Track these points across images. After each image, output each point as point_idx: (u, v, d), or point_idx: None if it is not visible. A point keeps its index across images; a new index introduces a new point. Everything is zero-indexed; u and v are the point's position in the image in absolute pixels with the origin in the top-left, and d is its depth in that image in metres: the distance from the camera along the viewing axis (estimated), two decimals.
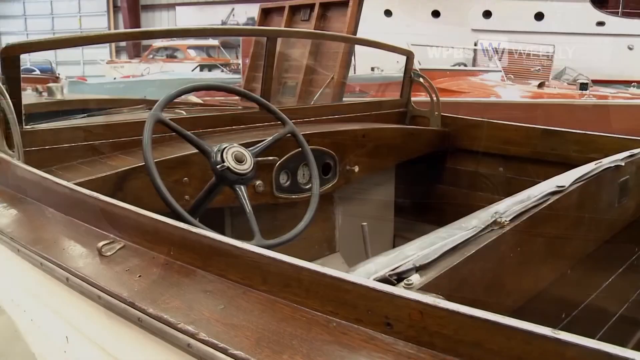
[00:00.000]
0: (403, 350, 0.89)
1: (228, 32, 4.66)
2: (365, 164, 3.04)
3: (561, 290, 1.79)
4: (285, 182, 2.68)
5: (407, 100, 3.68)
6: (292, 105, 3.99)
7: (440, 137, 3.55)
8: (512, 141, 3.34)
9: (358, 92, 8.39)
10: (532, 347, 0.81)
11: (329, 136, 2.85)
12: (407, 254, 1.14)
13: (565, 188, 1.68)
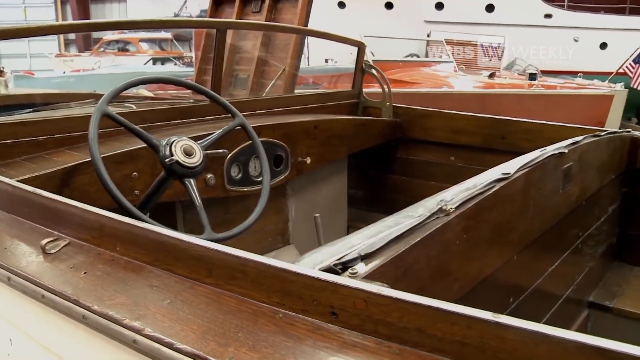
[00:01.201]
0: (348, 339, 0.90)
1: (177, 24, 4.59)
2: (317, 156, 3.04)
3: (508, 275, 1.82)
4: (237, 175, 2.66)
5: (359, 91, 3.70)
6: (243, 97, 3.96)
7: (392, 127, 3.58)
8: (462, 130, 3.40)
9: (312, 84, 8.39)
10: (474, 332, 0.82)
11: (280, 128, 2.84)
12: (353, 243, 1.14)
13: (511, 175, 1.71)
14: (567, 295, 2.47)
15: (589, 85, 9.66)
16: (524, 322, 0.80)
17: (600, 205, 2.80)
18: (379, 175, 3.72)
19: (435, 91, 8.46)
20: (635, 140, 3.00)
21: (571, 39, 15.78)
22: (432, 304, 0.85)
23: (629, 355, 0.75)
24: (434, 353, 0.85)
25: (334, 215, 3.52)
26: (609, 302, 2.75)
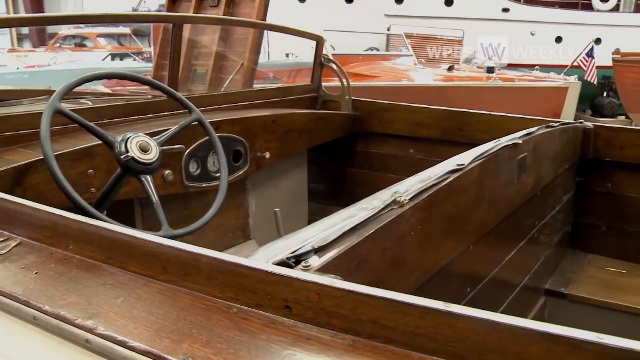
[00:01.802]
0: (302, 332, 0.90)
1: (132, 18, 4.49)
2: (276, 150, 3.04)
3: (464, 265, 1.85)
4: (195, 171, 2.64)
5: (318, 85, 3.70)
6: (202, 92, 3.93)
7: (352, 120, 3.60)
8: (421, 123, 3.43)
9: (272, 78, 8.36)
10: (426, 322, 0.83)
11: (238, 123, 2.83)
12: (307, 237, 1.14)
13: (465, 166, 1.73)
14: (524, 284, 2.52)
15: (546, 77, 9.86)
16: (474, 311, 0.82)
17: (555, 194, 2.86)
18: (339, 168, 3.73)
19: (394, 84, 8.52)
20: (588, 131, 3.08)
21: (528, 32, 16.07)
22: (385, 295, 0.86)
23: (574, 339, 0.77)
24: (388, 344, 0.86)
25: (294, 209, 3.52)
26: (565, 288, 2.82)
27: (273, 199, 3.29)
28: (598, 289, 2.84)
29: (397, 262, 1.37)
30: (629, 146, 3.00)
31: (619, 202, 3.11)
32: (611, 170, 3.11)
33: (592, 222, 3.22)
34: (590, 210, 3.22)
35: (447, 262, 1.67)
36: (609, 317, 2.73)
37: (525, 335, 0.78)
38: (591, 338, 0.76)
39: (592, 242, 3.23)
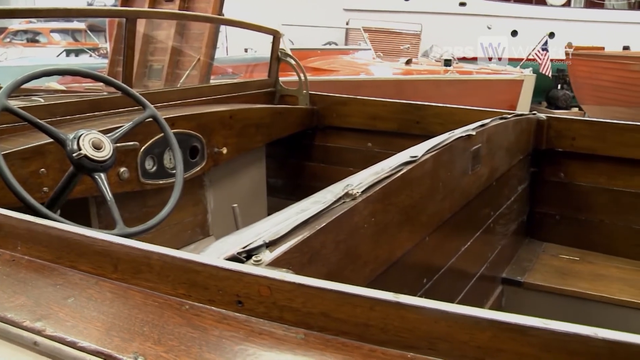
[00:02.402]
0: (255, 327, 0.90)
1: (83, 13, 4.32)
2: (233, 145, 3.02)
3: (420, 256, 1.86)
4: (152, 168, 2.60)
5: (275, 79, 3.69)
6: (158, 88, 3.88)
7: (309, 115, 3.60)
8: (379, 116, 3.46)
9: (231, 73, 8.31)
10: (377, 313, 0.84)
11: (194, 119, 2.80)
12: (259, 231, 1.14)
13: (418, 158, 1.74)
14: (481, 273, 2.56)
15: (502, 71, 10.03)
16: (422, 301, 0.83)
17: (510, 185, 2.92)
18: (298, 163, 3.73)
19: (353, 78, 8.54)
20: (541, 123, 3.14)
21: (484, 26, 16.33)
22: (335, 287, 0.86)
23: (520, 325, 0.78)
24: (339, 336, 0.86)
25: (253, 204, 3.51)
26: (521, 277, 2.88)
27: (232, 194, 3.28)
28: (553, 276, 2.91)
29: (351, 254, 1.37)
30: (579, 137, 3.08)
31: (572, 192, 3.19)
32: (564, 160, 3.18)
33: (546, 211, 3.30)
34: (544, 199, 3.29)
35: (403, 254, 1.68)
36: (564, 303, 2.80)
37: (472, 323, 0.80)
38: (536, 324, 0.78)
39: (547, 230, 3.31)
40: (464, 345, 0.80)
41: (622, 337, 0.75)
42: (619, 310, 2.71)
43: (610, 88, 11.81)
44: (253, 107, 3.26)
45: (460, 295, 2.30)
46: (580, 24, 16.30)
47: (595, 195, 3.15)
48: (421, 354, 0.82)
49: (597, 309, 2.74)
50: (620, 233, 3.13)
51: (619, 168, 3.05)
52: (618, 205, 3.10)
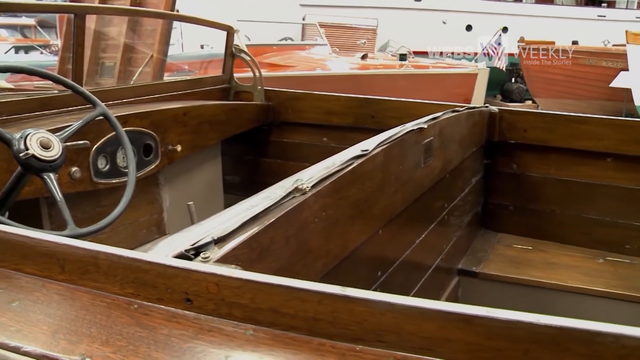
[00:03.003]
0: (204, 324, 0.89)
1: (27, 7, 4.12)
2: (188, 143, 2.99)
3: (374, 250, 1.87)
4: (104, 167, 2.56)
5: (230, 76, 3.67)
6: (110, 86, 3.81)
7: (264, 111, 3.59)
8: (334, 111, 3.47)
9: (187, 70, 8.22)
10: (325, 307, 0.84)
11: (147, 116, 2.76)
12: (208, 228, 1.13)
13: (369, 151, 1.75)
14: (437, 265, 2.59)
15: (457, 65, 10.16)
16: (370, 294, 0.83)
17: (464, 177, 2.96)
18: (254, 159, 3.72)
19: (309, 74, 8.53)
20: (493, 115, 3.20)
21: (440, 21, 16.54)
22: (283, 282, 0.86)
23: (465, 314, 0.80)
24: (289, 331, 0.86)
25: (209, 202, 3.49)
26: (476, 267, 2.93)
27: (187, 192, 3.25)
28: (507, 266, 2.97)
29: (302, 249, 1.37)
30: (531, 128, 3.15)
31: (524, 182, 3.26)
32: (516, 152, 3.25)
33: (500, 202, 3.36)
34: (498, 191, 3.35)
35: (356, 247, 1.68)
36: (518, 291, 2.86)
37: (418, 314, 0.81)
38: (481, 313, 0.79)
39: (501, 221, 3.37)
40: (412, 336, 0.81)
41: (563, 323, 0.77)
42: (570, 297, 2.79)
43: (561, 81, 12.13)
44: (207, 104, 3.23)
45: (416, 287, 2.32)
46: (532, 19, 16.67)
47: (546, 186, 3.22)
48: (370, 346, 0.82)
49: (550, 296, 2.81)
50: (571, 222, 3.21)
51: (568, 159, 3.13)
52: (568, 195, 3.18)
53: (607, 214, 3.12)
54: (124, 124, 2.31)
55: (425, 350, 0.81)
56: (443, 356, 0.80)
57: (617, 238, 3.11)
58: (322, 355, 0.82)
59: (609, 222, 3.12)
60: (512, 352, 0.78)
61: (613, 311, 2.71)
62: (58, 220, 2.51)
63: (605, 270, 2.94)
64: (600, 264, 3.02)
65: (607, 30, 15.90)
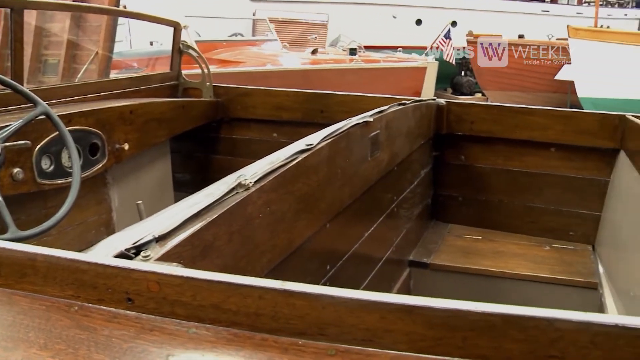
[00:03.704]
0: (146, 323, 0.88)
1: None
2: (135, 141, 2.94)
3: (322, 244, 1.87)
4: (49, 167, 2.49)
5: (178, 72, 3.62)
6: (53, 84, 3.70)
7: (214, 107, 3.56)
8: (283, 107, 3.46)
9: (136, 67, 8.08)
10: (266, 302, 0.84)
11: (93, 115, 2.70)
12: (150, 226, 1.11)
13: (314, 146, 1.75)
14: (388, 257, 2.62)
15: (408, 59, 10.26)
16: (310, 287, 0.83)
17: (413, 169, 3.00)
18: (204, 156, 3.69)
19: (259, 69, 8.49)
20: (441, 108, 3.24)
21: (390, 15, 16.66)
22: (223, 279, 0.86)
23: (404, 305, 0.81)
24: (231, 327, 0.86)
25: (159, 200, 3.43)
26: (427, 258, 2.98)
27: (137, 191, 3.19)
28: (458, 256, 3.03)
29: (247, 245, 1.36)
30: (478, 120, 3.21)
31: (473, 173, 3.32)
32: (464, 143, 3.30)
33: (449, 193, 3.42)
34: (447, 182, 3.41)
35: (303, 242, 1.68)
36: (469, 281, 2.92)
37: (359, 306, 0.81)
38: (420, 303, 0.80)
39: (451, 212, 3.43)
40: (353, 328, 0.81)
41: (499, 309, 0.78)
42: (518, 284, 2.86)
43: (509, 74, 12.39)
44: (155, 101, 3.18)
45: (367, 280, 2.34)
46: (480, 13, 16.96)
47: (494, 176, 3.29)
48: (312, 340, 0.83)
49: (499, 284, 2.88)
50: (518, 211, 3.29)
51: (515, 149, 3.21)
52: (515, 185, 3.25)
53: (552, 203, 3.21)
54: (68, 123, 2.25)
55: (367, 342, 0.81)
56: (384, 347, 0.81)
57: (562, 225, 3.20)
58: (264, 350, 0.82)
59: (554, 211, 3.21)
60: (452, 340, 0.79)
61: (558, 296, 2.79)
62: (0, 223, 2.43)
63: (551, 257, 3.03)
64: (547, 251, 3.10)
65: (551, 24, 16.32)
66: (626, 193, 2.75)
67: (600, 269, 2.90)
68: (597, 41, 9.87)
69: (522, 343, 0.78)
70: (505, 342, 0.78)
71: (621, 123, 2.92)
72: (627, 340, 0.76)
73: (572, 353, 0.77)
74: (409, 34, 15.93)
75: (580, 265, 2.93)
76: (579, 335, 0.77)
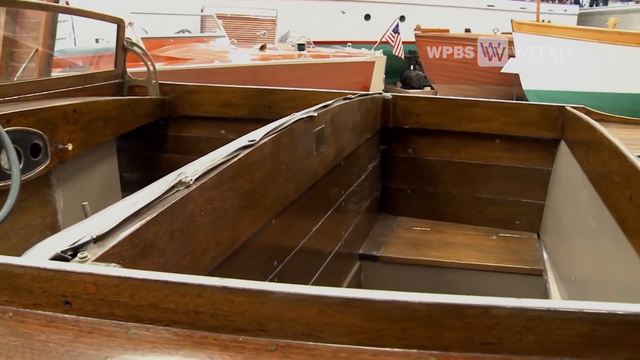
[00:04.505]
0: (84, 326, 0.86)
1: None
2: (80, 141, 2.87)
3: (268, 239, 1.87)
4: None
5: (123, 70, 3.56)
6: None
7: (160, 105, 3.51)
8: (230, 103, 3.44)
9: (81, 65, 7.88)
10: (204, 300, 0.83)
11: (33, 114, 2.62)
12: (88, 227, 1.09)
13: (257, 142, 1.74)
14: (337, 251, 2.63)
15: (356, 53, 10.32)
16: (248, 283, 0.83)
17: (360, 163, 3.02)
18: (152, 155, 3.63)
19: (207, 66, 8.38)
20: (387, 101, 3.28)
21: (339, 11, 16.72)
22: (161, 277, 0.85)
23: (343, 297, 0.81)
24: (171, 326, 0.85)
25: (107, 200, 3.34)
26: (377, 251, 3.01)
27: (83, 192, 3.12)
28: (407, 248, 3.07)
29: (189, 243, 1.35)
30: (424, 113, 3.25)
31: (420, 166, 3.37)
32: (411, 136, 3.35)
33: (398, 186, 3.46)
34: (395, 175, 3.45)
35: (248, 238, 1.67)
36: (418, 272, 2.96)
37: (297, 300, 0.81)
38: (358, 295, 0.81)
39: (400, 205, 3.48)
40: (293, 323, 0.82)
41: (436, 299, 0.80)
42: (467, 274, 2.92)
43: (456, 67, 12.60)
44: (99, 100, 3.11)
45: (316, 274, 2.34)
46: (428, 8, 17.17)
47: (441, 168, 3.35)
48: (252, 336, 0.83)
49: (448, 275, 2.93)
50: (465, 202, 3.36)
51: (460, 141, 3.27)
52: (462, 176, 3.32)
53: (498, 193, 3.28)
54: (6, 124, 2.18)
55: (307, 336, 0.82)
56: (324, 340, 0.81)
57: (508, 215, 3.28)
58: (204, 348, 0.82)
59: (500, 200, 3.29)
60: (391, 331, 0.80)
61: (505, 284, 2.86)
62: None
63: (498, 246, 3.10)
64: (494, 241, 3.17)
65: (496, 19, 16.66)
66: (566, 182, 2.83)
67: (545, 256, 2.98)
68: (540, 35, 10.12)
69: (459, 331, 0.80)
70: (443, 331, 0.80)
71: (561, 114, 3.00)
72: (558, 323, 0.78)
73: (508, 338, 0.79)
74: (358, 29, 16.02)
75: (525, 253, 3.01)
76: (513, 321, 0.79)
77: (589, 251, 2.23)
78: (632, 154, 1.79)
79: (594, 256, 2.15)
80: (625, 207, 1.70)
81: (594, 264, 2.12)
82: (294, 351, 0.81)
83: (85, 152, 3.00)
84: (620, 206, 1.77)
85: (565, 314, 0.78)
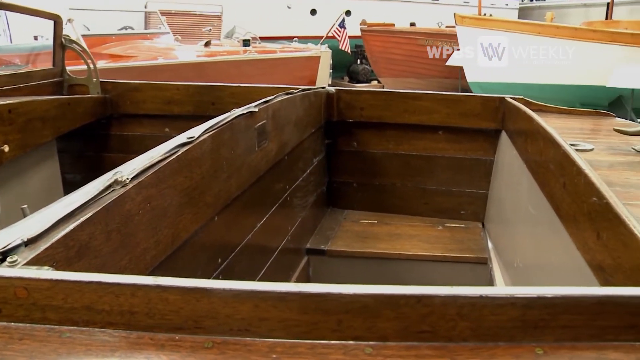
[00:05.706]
0: (15, 333, 0.84)
1: None
2: (17, 142, 2.78)
3: (211, 236, 1.85)
4: None
5: (62, 68, 3.47)
6: None
7: (101, 104, 3.44)
8: (173, 100, 3.40)
9: (18, 63, 7.63)
10: (139, 299, 0.83)
11: None
12: (20, 230, 1.06)
13: (196, 138, 1.73)
14: (284, 246, 2.63)
15: (301, 49, 10.31)
16: (182, 281, 0.83)
17: (305, 158, 3.02)
18: (95, 155, 3.56)
19: (150, 63, 8.22)
20: (331, 96, 3.29)
21: (285, 6, 16.67)
22: (93, 278, 0.84)
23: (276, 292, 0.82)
24: (106, 328, 0.84)
25: (49, 203, 3.28)
26: (324, 245, 3.02)
27: (22, 195, 3.03)
28: (354, 241, 3.09)
29: (128, 243, 1.33)
30: (367, 107, 3.28)
31: (366, 159, 3.40)
32: (356, 130, 3.37)
33: (344, 180, 3.48)
34: (341, 169, 3.47)
35: (189, 236, 1.66)
36: (366, 264, 2.99)
37: (232, 296, 0.82)
38: (292, 289, 0.82)
39: (347, 198, 3.50)
40: (228, 319, 0.82)
41: (371, 290, 0.82)
42: (414, 264, 2.97)
43: (401, 61, 12.74)
44: (37, 99, 3.03)
45: (263, 270, 2.34)
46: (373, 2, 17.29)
47: (386, 161, 3.38)
48: (189, 334, 0.82)
49: (395, 266, 2.97)
50: (412, 194, 3.41)
51: (405, 134, 3.31)
52: (407, 168, 3.36)
53: (443, 184, 3.34)
54: None
55: (243, 332, 0.82)
56: (260, 335, 0.82)
57: (454, 205, 3.35)
58: (140, 348, 0.81)
59: (445, 191, 3.35)
60: (327, 323, 0.82)
61: (452, 273, 2.92)
62: None
63: (444, 236, 3.16)
64: (440, 231, 3.23)
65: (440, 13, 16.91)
66: (508, 171, 2.90)
67: (489, 244, 3.05)
68: (482, 28, 10.30)
69: (395, 321, 0.81)
70: (379, 322, 0.82)
71: (501, 105, 3.08)
72: (491, 309, 0.81)
73: (442, 326, 0.81)
74: (304, 24, 16.00)
75: (471, 242, 3.07)
76: (447, 309, 0.81)
77: (530, 238, 2.29)
78: (566, 142, 1.85)
79: (534, 242, 2.22)
80: (560, 193, 1.76)
81: (534, 250, 2.18)
82: (231, 347, 0.81)
83: (24, 154, 2.91)
84: (555, 193, 1.83)
85: (498, 300, 0.81)
